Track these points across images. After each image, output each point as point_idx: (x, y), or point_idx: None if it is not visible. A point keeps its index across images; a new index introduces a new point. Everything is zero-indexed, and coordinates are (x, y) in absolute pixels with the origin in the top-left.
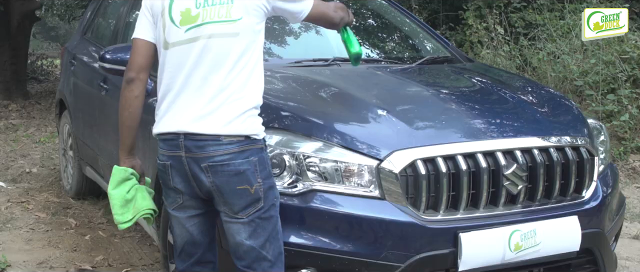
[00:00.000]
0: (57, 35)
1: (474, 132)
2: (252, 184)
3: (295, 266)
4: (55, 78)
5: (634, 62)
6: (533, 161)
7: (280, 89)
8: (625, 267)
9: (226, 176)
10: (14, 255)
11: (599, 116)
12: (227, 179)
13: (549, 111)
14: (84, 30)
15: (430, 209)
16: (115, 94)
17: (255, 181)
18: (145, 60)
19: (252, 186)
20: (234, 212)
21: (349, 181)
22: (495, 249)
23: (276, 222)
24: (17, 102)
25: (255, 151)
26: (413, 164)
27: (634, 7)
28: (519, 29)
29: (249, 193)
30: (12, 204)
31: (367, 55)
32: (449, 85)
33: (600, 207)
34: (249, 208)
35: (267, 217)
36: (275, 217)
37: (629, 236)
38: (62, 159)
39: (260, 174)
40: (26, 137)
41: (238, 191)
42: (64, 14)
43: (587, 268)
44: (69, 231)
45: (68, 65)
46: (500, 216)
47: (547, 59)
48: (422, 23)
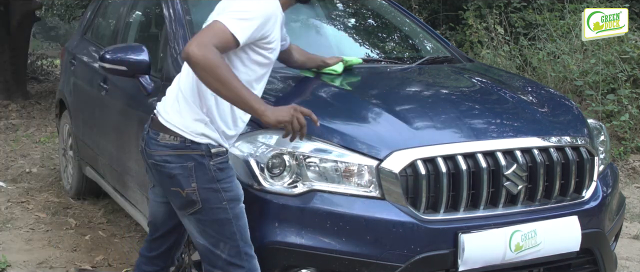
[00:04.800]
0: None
1: (474, 132)
2: (183, 188)
3: (295, 266)
4: (55, 78)
5: (634, 62)
6: (533, 161)
7: (280, 89)
8: (625, 267)
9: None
10: (14, 255)
11: (599, 116)
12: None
13: (549, 111)
14: (84, 30)
15: (430, 209)
16: (115, 94)
17: (188, 186)
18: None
19: (184, 190)
20: (175, 207)
21: (348, 181)
22: (496, 249)
23: (230, 224)
24: (17, 102)
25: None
26: (413, 164)
27: (634, 7)
28: (519, 29)
29: (181, 195)
30: (12, 204)
31: (367, 55)
32: (449, 85)
33: (600, 207)
34: (186, 208)
35: (213, 219)
36: (225, 219)
37: (629, 236)
38: (62, 159)
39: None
40: (26, 137)
41: (172, 191)
42: (64, 14)
43: (587, 268)
44: (69, 231)
45: (68, 65)
46: (500, 216)
47: (547, 59)
48: (422, 23)
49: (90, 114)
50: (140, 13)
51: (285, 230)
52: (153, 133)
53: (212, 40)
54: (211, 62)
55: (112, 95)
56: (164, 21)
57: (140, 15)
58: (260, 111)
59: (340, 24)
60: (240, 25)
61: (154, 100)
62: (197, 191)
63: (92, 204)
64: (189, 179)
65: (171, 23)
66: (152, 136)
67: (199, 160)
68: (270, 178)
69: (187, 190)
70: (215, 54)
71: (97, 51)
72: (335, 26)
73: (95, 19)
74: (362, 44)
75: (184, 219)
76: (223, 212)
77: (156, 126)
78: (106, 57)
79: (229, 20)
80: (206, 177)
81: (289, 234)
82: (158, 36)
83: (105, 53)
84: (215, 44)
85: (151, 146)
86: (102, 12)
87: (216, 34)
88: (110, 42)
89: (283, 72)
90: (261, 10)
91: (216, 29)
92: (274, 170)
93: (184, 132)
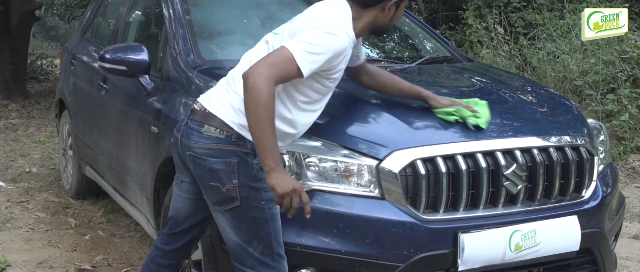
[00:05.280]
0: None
1: (474, 132)
2: (224, 184)
3: (296, 266)
4: (55, 78)
5: (634, 62)
6: (533, 161)
7: None
8: (625, 267)
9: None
10: (14, 255)
11: (599, 116)
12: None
13: (549, 111)
14: (84, 30)
15: (430, 209)
16: (115, 94)
17: (230, 182)
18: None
19: (224, 186)
20: (211, 202)
21: (348, 181)
22: (496, 250)
23: (266, 224)
24: (17, 102)
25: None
26: (413, 164)
27: (634, 7)
28: (519, 29)
29: (220, 191)
30: (12, 204)
31: (367, 55)
32: (449, 85)
33: (600, 207)
34: (224, 204)
35: (250, 217)
36: (262, 218)
37: (629, 236)
38: (62, 159)
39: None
40: (26, 137)
41: (211, 186)
42: (64, 14)
43: (587, 268)
44: (69, 231)
45: (68, 65)
46: (500, 216)
47: (547, 59)
48: (422, 23)
49: (90, 114)
50: (140, 13)
51: (285, 230)
52: (195, 124)
53: (275, 71)
54: (262, 99)
55: (112, 95)
56: (164, 21)
57: (140, 15)
58: (268, 167)
59: None
60: (309, 60)
61: (154, 100)
62: (238, 189)
63: (92, 204)
64: (231, 175)
65: (171, 23)
66: (193, 127)
67: (243, 157)
68: None
69: (227, 186)
70: (269, 91)
71: (97, 51)
72: None
73: (95, 19)
74: (361, 44)
75: (217, 214)
76: (261, 211)
77: (199, 117)
78: (106, 57)
79: (299, 51)
80: (249, 176)
81: (289, 234)
82: (158, 36)
83: (105, 53)
84: (277, 75)
85: (192, 138)
86: (102, 12)
87: (281, 65)
88: (110, 42)
89: None
90: (334, 47)
91: (284, 58)
92: None
93: (234, 127)
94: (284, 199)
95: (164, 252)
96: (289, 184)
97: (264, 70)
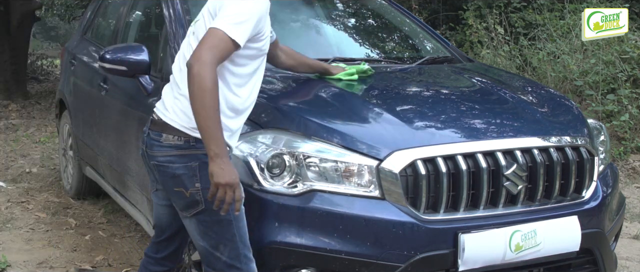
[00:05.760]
0: (57, 35)
1: (474, 132)
2: (187, 188)
3: (295, 266)
4: (55, 78)
5: (634, 62)
6: (533, 161)
7: (280, 89)
8: (625, 267)
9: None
10: (14, 255)
11: (599, 116)
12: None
13: (549, 111)
14: (84, 30)
15: (430, 209)
16: (115, 94)
17: (192, 186)
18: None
19: (188, 190)
20: (179, 209)
21: (349, 181)
22: (496, 250)
23: (230, 226)
24: (17, 102)
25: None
26: (413, 164)
27: (634, 7)
28: (519, 29)
29: (184, 195)
30: (12, 204)
31: (367, 55)
32: (449, 85)
33: (600, 207)
34: (189, 209)
35: (215, 220)
36: (226, 220)
37: (629, 236)
38: (62, 159)
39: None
40: (26, 137)
41: (175, 192)
42: (64, 14)
43: (587, 268)
44: (69, 231)
45: (68, 65)
46: (500, 216)
47: (547, 59)
48: (422, 23)
49: (90, 114)
50: (140, 13)
51: (285, 230)
52: (155, 134)
53: (214, 54)
54: (206, 85)
55: (112, 95)
56: (164, 21)
57: (140, 15)
58: (212, 152)
59: (340, 24)
60: (239, 30)
61: (154, 100)
62: (201, 191)
63: (92, 204)
64: (193, 178)
65: (171, 23)
66: (153, 138)
67: (203, 159)
68: (270, 178)
69: (191, 190)
70: (212, 78)
71: (97, 51)
72: (335, 26)
73: (95, 19)
74: (362, 44)
75: (185, 221)
76: (227, 214)
77: (158, 127)
78: (106, 57)
79: (226, 25)
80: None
81: (289, 234)
82: (158, 36)
83: (105, 53)
84: (218, 55)
85: (154, 148)
86: (102, 12)
87: (217, 46)
88: (110, 42)
89: (283, 72)
90: (255, 10)
91: (217, 39)
92: (274, 170)
93: (189, 131)
94: (218, 189)
95: (155, 260)
96: (228, 175)
97: (205, 55)
